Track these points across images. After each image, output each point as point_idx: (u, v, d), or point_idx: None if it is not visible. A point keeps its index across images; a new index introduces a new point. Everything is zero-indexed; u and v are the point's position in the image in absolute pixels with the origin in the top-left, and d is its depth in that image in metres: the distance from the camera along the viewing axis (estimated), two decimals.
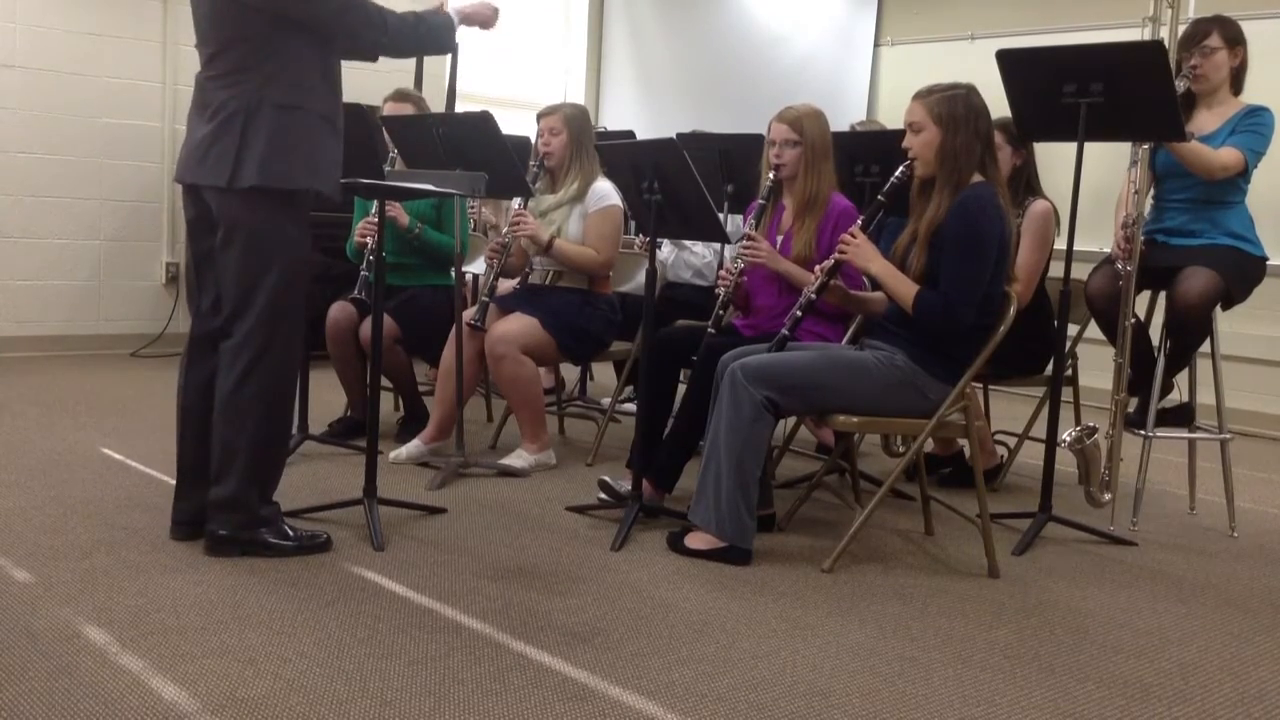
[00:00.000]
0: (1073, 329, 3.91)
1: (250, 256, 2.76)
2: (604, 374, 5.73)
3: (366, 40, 2.84)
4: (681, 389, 3.52)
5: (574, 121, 4.03)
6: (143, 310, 6.35)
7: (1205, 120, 3.61)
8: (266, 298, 2.76)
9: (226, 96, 2.73)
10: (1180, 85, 3.49)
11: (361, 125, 3.69)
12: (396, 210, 4.07)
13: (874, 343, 3.12)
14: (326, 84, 2.83)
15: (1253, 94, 3.66)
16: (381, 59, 3.04)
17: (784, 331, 3.11)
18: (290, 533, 2.89)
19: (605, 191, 3.99)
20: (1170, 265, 3.55)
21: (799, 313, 3.13)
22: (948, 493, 3.71)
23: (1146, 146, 3.46)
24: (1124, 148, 3.70)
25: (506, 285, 4.29)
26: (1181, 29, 3.53)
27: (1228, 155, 3.48)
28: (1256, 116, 3.55)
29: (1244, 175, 3.56)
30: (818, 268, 3.15)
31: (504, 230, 3.94)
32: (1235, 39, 3.58)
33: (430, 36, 2.95)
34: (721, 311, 3.51)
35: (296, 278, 2.82)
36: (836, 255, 3.08)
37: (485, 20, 3.15)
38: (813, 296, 3.12)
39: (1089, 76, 3.16)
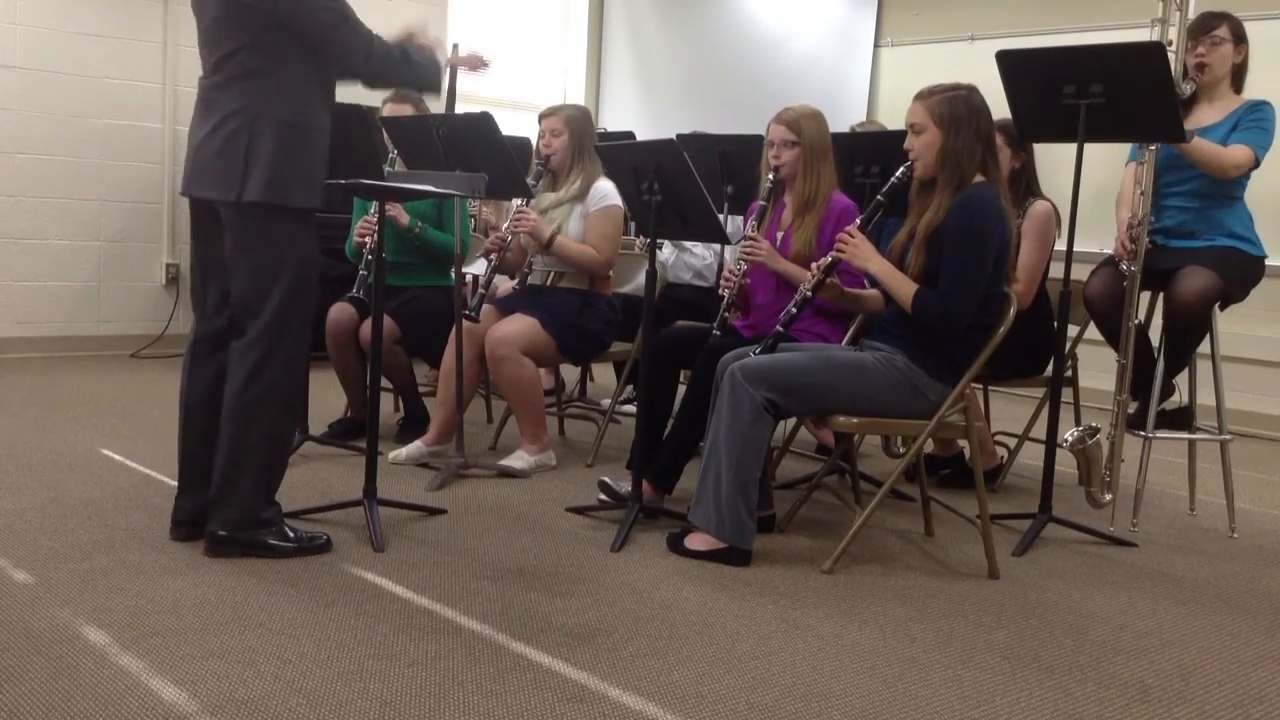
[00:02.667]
0: (1073, 330, 3.91)
1: (263, 260, 2.77)
2: (604, 375, 5.73)
3: (352, 63, 2.85)
4: (681, 390, 3.52)
5: (575, 122, 4.03)
6: (143, 311, 6.35)
7: (1205, 114, 3.61)
8: (279, 298, 2.77)
9: (232, 106, 2.74)
10: (1186, 89, 3.49)
11: (361, 126, 3.69)
12: (396, 210, 4.08)
13: (874, 343, 3.12)
14: (324, 101, 2.85)
15: (1253, 95, 3.66)
16: None
17: (778, 328, 3.10)
18: (290, 534, 2.89)
19: (606, 191, 3.99)
20: (1169, 268, 3.55)
21: (794, 310, 3.13)
22: (948, 493, 3.71)
23: (1154, 147, 3.46)
24: (1124, 148, 3.69)
25: (505, 286, 4.29)
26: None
27: (1239, 153, 3.48)
28: (1259, 111, 3.55)
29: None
30: (815, 265, 3.15)
31: (504, 229, 3.94)
32: (1241, 36, 3.61)
33: (413, 77, 2.97)
34: (727, 314, 3.51)
35: (308, 278, 2.84)
36: (834, 254, 3.08)
37: (474, 65, 3.23)
38: (808, 294, 3.12)
39: (1089, 77, 3.16)
